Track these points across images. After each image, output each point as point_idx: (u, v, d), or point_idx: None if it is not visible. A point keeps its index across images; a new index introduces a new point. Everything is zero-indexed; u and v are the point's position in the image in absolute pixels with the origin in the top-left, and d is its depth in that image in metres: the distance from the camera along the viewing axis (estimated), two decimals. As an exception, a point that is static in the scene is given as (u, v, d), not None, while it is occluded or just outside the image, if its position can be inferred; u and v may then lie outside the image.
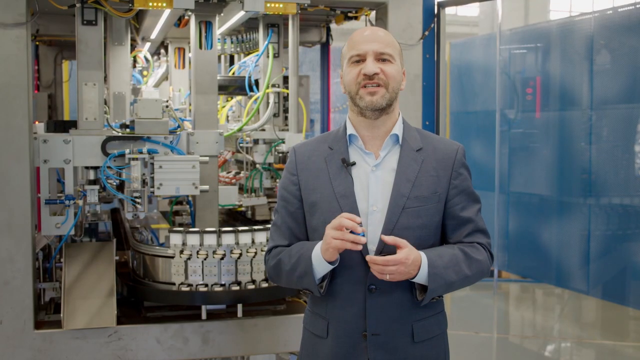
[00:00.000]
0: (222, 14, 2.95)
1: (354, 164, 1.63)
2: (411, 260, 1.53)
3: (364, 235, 1.52)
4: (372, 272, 1.55)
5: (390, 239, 1.54)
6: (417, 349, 1.62)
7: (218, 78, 3.06)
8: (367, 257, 1.54)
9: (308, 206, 1.66)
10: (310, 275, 1.58)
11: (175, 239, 2.57)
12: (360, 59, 1.61)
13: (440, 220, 1.65)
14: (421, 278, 1.56)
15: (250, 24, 3.58)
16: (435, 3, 3.16)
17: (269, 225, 2.67)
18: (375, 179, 1.62)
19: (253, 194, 3.41)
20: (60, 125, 2.84)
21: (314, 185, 1.65)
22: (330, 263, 1.57)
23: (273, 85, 3.41)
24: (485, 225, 1.69)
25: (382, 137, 1.65)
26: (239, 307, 2.65)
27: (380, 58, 1.60)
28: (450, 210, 1.65)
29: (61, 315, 2.57)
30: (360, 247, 1.52)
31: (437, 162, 1.64)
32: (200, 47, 2.87)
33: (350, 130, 1.66)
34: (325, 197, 1.60)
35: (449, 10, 3.30)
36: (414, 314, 1.61)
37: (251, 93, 3.48)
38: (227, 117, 3.99)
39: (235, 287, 2.57)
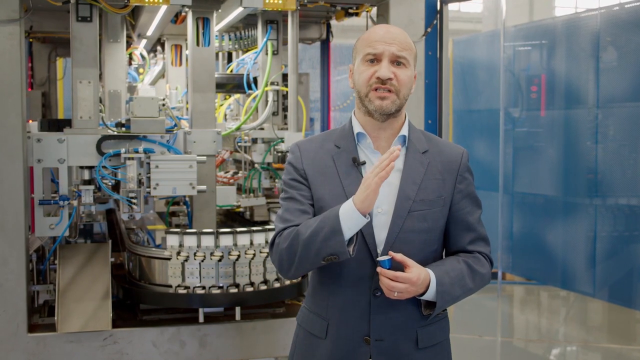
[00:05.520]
0: (219, 10, 2.93)
1: (364, 163, 1.59)
2: (421, 280, 1.51)
3: (389, 264, 1.49)
4: (381, 286, 1.52)
5: (398, 257, 1.51)
6: (421, 355, 1.59)
7: (216, 76, 3.04)
8: (379, 269, 1.51)
9: (314, 200, 1.61)
10: (339, 233, 1.47)
11: (172, 241, 2.55)
12: (375, 59, 1.56)
13: (444, 225, 1.63)
14: (429, 296, 1.55)
15: (248, 21, 3.56)
16: (438, -1, 3.10)
17: (268, 227, 2.65)
18: None
19: (252, 194, 3.38)
20: (54, 124, 2.82)
21: (322, 181, 1.60)
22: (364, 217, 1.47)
23: (272, 83, 3.39)
24: (486, 232, 1.68)
25: (387, 137, 1.62)
26: (237, 310, 2.62)
27: (396, 61, 1.56)
28: (455, 214, 1.63)
29: (55, 318, 2.53)
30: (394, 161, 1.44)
31: (442, 165, 1.62)
32: (198, 44, 2.85)
33: (358, 128, 1.62)
34: (335, 195, 1.55)
35: (452, 7, 3.25)
36: (418, 320, 1.59)
37: (250, 91, 3.46)
38: (225, 115, 3.96)
39: (233, 290, 2.54)
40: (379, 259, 1.51)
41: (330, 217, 1.49)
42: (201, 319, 2.60)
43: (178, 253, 2.52)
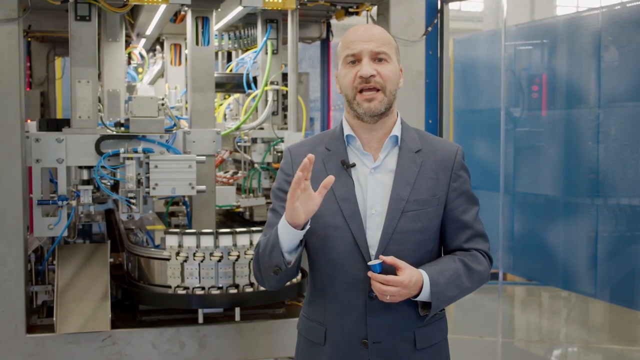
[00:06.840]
0: (219, 10, 2.92)
1: (354, 165, 1.58)
2: (413, 282, 1.50)
3: (379, 267, 1.49)
4: (374, 289, 1.51)
5: (389, 260, 1.50)
6: (420, 356, 1.58)
7: (215, 75, 3.03)
8: (369, 274, 1.50)
9: None
10: (277, 246, 1.49)
11: (171, 241, 2.54)
12: (355, 59, 1.55)
13: (440, 224, 1.62)
14: (424, 297, 1.53)
15: (248, 20, 3.55)
16: (438, -2, 3.09)
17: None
18: (374, 181, 1.58)
19: (251, 195, 3.37)
20: (53, 124, 2.81)
21: (312, 185, 1.57)
22: (300, 229, 1.47)
23: (272, 83, 3.38)
24: (484, 229, 1.66)
25: (380, 138, 1.60)
26: (237, 310, 2.61)
27: (377, 58, 1.54)
28: (450, 213, 1.61)
29: (54, 319, 2.52)
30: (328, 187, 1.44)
31: (436, 164, 1.60)
32: (197, 43, 2.83)
33: (347, 130, 1.61)
34: (325, 199, 1.53)
35: (453, 6, 3.23)
36: (415, 321, 1.58)
37: (249, 91, 3.45)
38: (225, 115, 3.95)
39: (233, 290, 2.53)
40: (370, 263, 1.50)
41: (274, 232, 1.52)
42: (200, 320, 2.59)
43: (177, 253, 2.51)
